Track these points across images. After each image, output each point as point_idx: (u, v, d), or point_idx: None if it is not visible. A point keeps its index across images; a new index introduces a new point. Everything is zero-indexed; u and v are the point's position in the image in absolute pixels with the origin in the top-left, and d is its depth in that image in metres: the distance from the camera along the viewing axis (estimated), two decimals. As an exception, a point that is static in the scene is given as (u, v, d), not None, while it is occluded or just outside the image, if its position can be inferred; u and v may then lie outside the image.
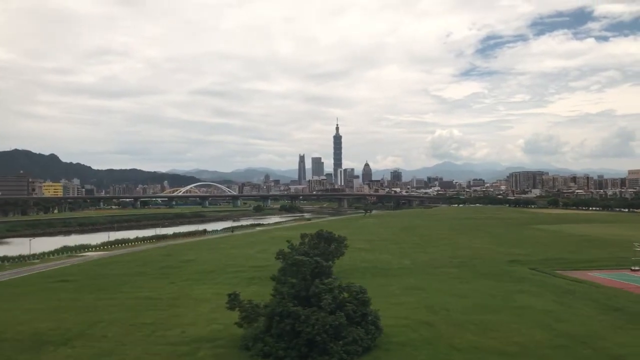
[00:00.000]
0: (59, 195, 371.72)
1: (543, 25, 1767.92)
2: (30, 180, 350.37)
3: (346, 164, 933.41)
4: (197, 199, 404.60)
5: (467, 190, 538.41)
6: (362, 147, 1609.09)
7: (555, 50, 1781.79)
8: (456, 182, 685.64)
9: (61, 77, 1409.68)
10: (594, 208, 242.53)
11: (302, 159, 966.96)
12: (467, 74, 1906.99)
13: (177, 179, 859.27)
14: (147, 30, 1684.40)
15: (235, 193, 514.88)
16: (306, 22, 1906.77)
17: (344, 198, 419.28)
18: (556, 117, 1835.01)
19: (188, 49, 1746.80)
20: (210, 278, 59.37)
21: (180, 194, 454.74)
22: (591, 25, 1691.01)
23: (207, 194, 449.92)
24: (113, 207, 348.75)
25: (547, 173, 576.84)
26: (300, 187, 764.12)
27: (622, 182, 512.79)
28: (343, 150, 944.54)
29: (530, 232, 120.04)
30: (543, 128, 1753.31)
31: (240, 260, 75.98)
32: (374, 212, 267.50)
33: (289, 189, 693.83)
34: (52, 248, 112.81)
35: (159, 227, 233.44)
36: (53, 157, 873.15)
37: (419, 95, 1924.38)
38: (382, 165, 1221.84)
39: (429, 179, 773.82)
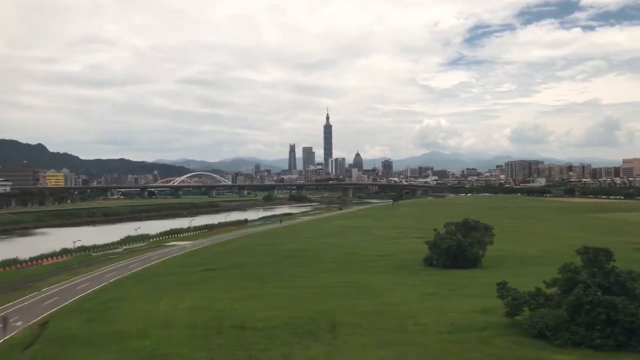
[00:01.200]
0: (61, 185, 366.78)
1: (530, 15, 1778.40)
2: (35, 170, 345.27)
3: (335, 153, 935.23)
4: (203, 188, 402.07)
5: (462, 179, 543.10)
6: (350, 137, 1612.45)
7: (542, 40, 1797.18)
8: (449, 172, 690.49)
9: (46, 65, 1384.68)
10: (614, 197, 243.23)
11: (292, 148, 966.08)
12: (455, 63, 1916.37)
13: (167, 169, 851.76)
14: (133, 19, 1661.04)
15: (229, 182, 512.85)
16: (294, 12, 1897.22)
17: (348, 188, 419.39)
18: (542, 106, 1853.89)
19: (175, 38, 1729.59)
20: (360, 267, 58.66)
21: (176, 184, 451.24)
22: (578, 14, 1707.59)
23: (214, 184, 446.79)
24: (120, 197, 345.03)
25: (542, 162, 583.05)
26: (293, 176, 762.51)
27: (616, 171, 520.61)
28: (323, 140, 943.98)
29: (603, 221, 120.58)
30: (529, 117, 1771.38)
31: (353, 249, 75.26)
32: (383, 203, 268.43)
33: (282, 178, 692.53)
34: (117, 238, 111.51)
35: (181, 217, 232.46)
36: (40, 147, 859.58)
37: (407, 84, 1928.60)
38: (369, 154, 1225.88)
39: (420, 168, 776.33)
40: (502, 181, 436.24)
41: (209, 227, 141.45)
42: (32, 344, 31.48)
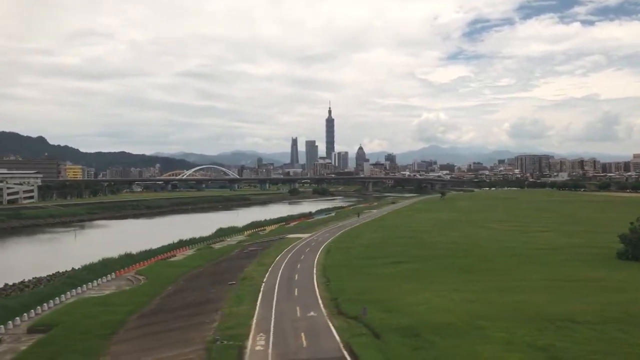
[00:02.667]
0: (79, 178, 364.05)
1: (530, 9, 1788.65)
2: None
3: (335, 147, 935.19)
4: (226, 182, 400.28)
5: (472, 173, 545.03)
6: (348, 131, 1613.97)
7: (542, 34, 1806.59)
8: (456, 166, 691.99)
9: (44, 58, 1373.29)
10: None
11: (294, 142, 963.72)
12: (454, 57, 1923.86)
13: (169, 162, 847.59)
14: (131, 12, 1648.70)
15: (237, 176, 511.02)
16: (292, 4, 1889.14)
17: (368, 181, 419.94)
18: (541, 101, 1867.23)
19: (173, 31, 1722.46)
20: (550, 261, 58.39)
21: (184, 177, 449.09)
22: (577, 9, 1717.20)
23: (237, 177, 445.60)
24: (143, 190, 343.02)
25: (552, 157, 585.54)
26: (297, 169, 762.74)
27: (626, 165, 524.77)
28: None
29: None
30: (528, 112, 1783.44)
31: (501, 243, 74.62)
32: (424, 197, 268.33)
33: (288, 172, 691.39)
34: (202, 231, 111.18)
35: (224, 210, 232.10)
36: (41, 140, 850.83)
37: (406, 78, 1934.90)
38: (368, 148, 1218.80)
39: (425, 162, 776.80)
40: (519, 175, 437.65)
41: (286, 220, 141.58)
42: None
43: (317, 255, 67.14)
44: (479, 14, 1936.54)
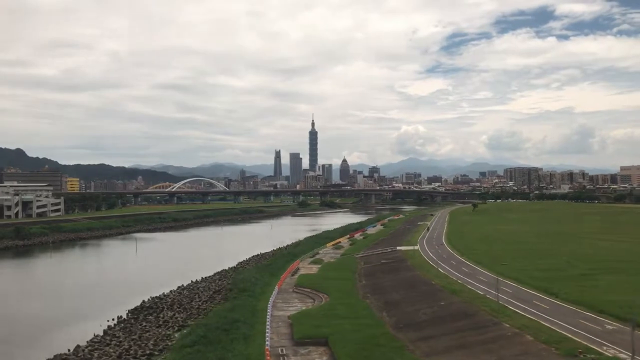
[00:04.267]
0: (76, 190, 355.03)
1: (506, 24, 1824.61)
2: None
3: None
4: (231, 195, 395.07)
5: (462, 185, 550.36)
6: (328, 143, 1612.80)
7: (518, 48, 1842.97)
8: (443, 178, 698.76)
9: (20, 69, 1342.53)
10: None
11: (277, 154, 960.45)
12: (432, 70, 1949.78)
13: (150, 174, 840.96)
14: (110, 23, 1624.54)
15: (226, 188, 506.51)
16: (273, 17, 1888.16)
17: (370, 194, 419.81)
18: (518, 114, 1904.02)
19: (153, 42, 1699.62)
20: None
21: (174, 189, 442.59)
22: (553, 24, 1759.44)
23: (241, 190, 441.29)
24: (144, 202, 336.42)
25: (541, 169, 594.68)
26: (284, 182, 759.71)
27: (613, 178, 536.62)
28: (308, 146, 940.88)
29: None
30: (505, 125, 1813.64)
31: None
32: (448, 209, 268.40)
33: (275, 185, 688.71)
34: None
35: (240, 222, 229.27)
36: (19, 152, 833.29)
37: (385, 91, 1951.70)
38: (348, 161, 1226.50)
39: (412, 174, 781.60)
40: (515, 188, 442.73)
41: (350, 232, 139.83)
42: None
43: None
44: (457, 28, 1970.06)
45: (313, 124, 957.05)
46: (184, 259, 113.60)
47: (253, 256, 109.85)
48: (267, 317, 48.52)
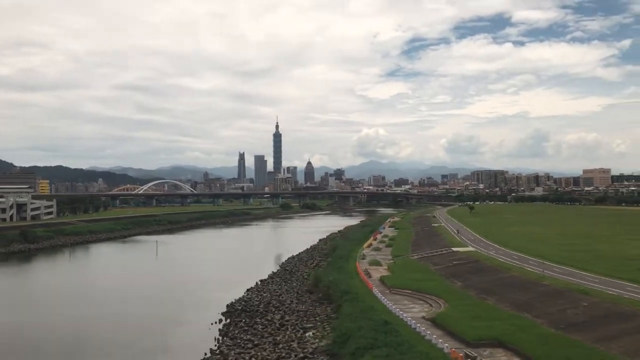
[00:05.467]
0: (46, 193, 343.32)
1: (465, 29, 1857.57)
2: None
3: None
4: (210, 197, 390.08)
5: (430, 188, 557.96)
6: (289, 146, 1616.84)
7: (476, 54, 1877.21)
8: (410, 181, 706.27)
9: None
10: None
11: (242, 156, 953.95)
12: (393, 74, 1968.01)
13: (110, 177, 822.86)
14: (68, 21, 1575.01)
15: (192, 190, 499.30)
16: (235, 19, 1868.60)
17: (348, 196, 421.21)
18: (475, 118, 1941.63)
19: (112, 42, 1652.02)
20: None
21: (141, 191, 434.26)
22: (509, 30, 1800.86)
23: (220, 192, 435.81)
24: (123, 205, 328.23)
25: (507, 172, 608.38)
26: (250, 185, 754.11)
27: (575, 180, 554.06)
28: (270, 149, 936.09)
29: None
30: (463, 129, 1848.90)
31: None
32: (449, 206, 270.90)
33: (243, 187, 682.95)
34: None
35: (231, 224, 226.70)
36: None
37: (346, 94, 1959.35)
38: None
39: (377, 177, 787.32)
40: (487, 190, 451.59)
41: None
42: None
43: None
44: (417, 33, 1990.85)
45: (277, 126, 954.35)
46: (234, 260, 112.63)
47: (291, 257, 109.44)
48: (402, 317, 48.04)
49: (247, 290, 75.85)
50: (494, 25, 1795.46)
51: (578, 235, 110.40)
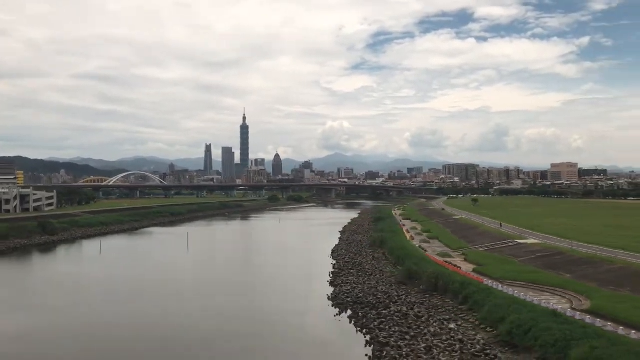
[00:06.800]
0: (20, 183, 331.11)
1: (429, 24, 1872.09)
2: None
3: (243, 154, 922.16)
4: (192, 189, 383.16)
5: (404, 181, 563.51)
6: (254, 137, 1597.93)
7: (440, 49, 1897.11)
8: (381, 174, 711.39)
9: None
10: (631, 198, 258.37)
11: (208, 148, 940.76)
12: (358, 67, 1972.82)
13: (73, 168, 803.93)
14: (28, 8, 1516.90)
15: (163, 183, 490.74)
16: (201, 9, 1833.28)
17: (330, 188, 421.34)
18: (438, 112, 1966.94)
19: (73, 30, 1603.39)
20: None
21: (111, 183, 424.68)
22: (472, 26, 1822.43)
23: (206, 185, 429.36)
24: (111, 197, 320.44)
25: (478, 165, 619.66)
26: (219, 177, 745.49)
27: (543, 174, 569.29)
28: (233, 141, 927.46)
29: None
30: (427, 122, 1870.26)
31: None
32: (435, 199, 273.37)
33: (213, 179, 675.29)
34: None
35: (229, 217, 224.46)
36: None
37: (311, 87, 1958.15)
38: (273, 155, 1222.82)
39: (347, 169, 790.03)
40: (465, 184, 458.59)
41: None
42: None
43: None
44: (382, 27, 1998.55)
45: (245, 118, 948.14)
46: (278, 252, 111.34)
47: (336, 249, 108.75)
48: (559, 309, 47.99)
49: (329, 281, 75.21)
50: (458, 21, 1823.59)
51: (619, 227, 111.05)
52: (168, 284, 78.21)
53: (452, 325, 51.19)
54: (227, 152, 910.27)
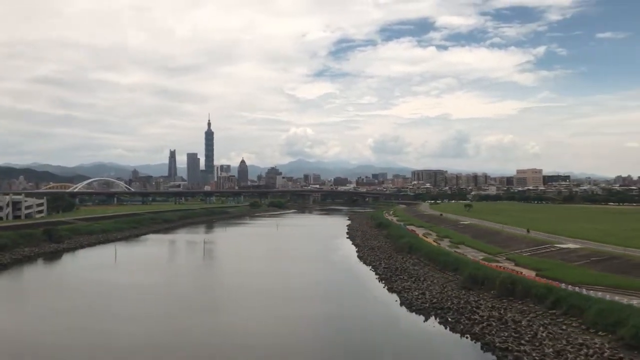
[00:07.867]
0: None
1: (391, 32, 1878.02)
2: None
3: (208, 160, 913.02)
4: (171, 196, 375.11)
5: (373, 187, 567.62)
6: (216, 144, 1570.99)
7: (401, 56, 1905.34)
8: (349, 180, 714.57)
9: None
10: (612, 203, 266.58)
11: (172, 154, 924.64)
12: (320, 74, 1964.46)
13: (31, 174, 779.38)
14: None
15: (130, 189, 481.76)
16: (160, 13, 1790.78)
17: (309, 195, 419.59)
18: (400, 119, 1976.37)
19: (26, 33, 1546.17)
20: None
21: (77, 190, 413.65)
22: (433, 34, 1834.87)
23: (186, 191, 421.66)
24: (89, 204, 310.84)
25: (446, 171, 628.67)
26: (185, 183, 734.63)
27: (508, 180, 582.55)
28: (195, 147, 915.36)
29: None
30: (389, 129, 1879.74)
31: None
32: (413, 205, 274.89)
33: (179, 185, 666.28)
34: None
35: (228, 223, 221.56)
36: None
37: (274, 93, 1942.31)
38: (236, 162, 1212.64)
39: (313, 175, 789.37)
40: (438, 189, 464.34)
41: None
42: None
43: None
44: (345, 34, 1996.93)
45: (209, 123, 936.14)
46: (302, 260, 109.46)
47: (362, 257, 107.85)
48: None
49: (387, 288, 74.70)
50: (419, 29, 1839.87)
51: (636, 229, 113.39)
52: (220, 292, 76.45)
53: (561, 330, 50.95)
54: (192, 158, 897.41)
